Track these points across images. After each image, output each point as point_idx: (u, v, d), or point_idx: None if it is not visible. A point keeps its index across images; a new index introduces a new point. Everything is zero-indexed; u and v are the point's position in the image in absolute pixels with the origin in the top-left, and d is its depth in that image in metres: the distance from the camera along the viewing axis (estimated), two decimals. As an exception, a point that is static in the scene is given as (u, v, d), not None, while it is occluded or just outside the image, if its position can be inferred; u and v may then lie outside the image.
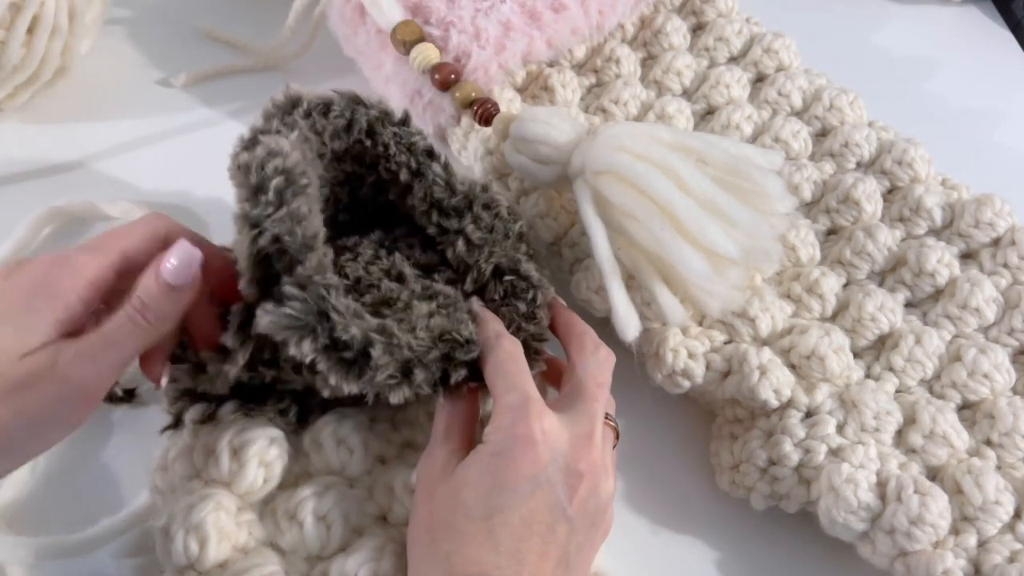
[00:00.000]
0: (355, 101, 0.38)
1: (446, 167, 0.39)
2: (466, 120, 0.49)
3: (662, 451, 0.44)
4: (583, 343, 0.36)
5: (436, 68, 0.47)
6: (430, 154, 0.39)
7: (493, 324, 0.36)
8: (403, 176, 0.39)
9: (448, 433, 0.33)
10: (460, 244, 0.38)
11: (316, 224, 0.31)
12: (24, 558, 0.36)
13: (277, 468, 0.34)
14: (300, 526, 0.33)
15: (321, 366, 0.30)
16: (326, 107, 0.37)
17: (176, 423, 0.35)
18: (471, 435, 0.34)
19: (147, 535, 0.36)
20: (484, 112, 0.46)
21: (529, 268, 0.39)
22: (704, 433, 0.44)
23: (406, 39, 0.47)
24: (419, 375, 0.32)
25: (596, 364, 0.35)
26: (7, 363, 0.28)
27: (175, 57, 0.59)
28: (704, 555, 0.41)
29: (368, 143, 0.39)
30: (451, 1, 0.48)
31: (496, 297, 0.37)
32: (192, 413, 0.34)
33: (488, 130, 0.47)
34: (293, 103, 0.37)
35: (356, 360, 0.30)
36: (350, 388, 0.31)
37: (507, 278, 0.38)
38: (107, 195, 0.50)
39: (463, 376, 0.34)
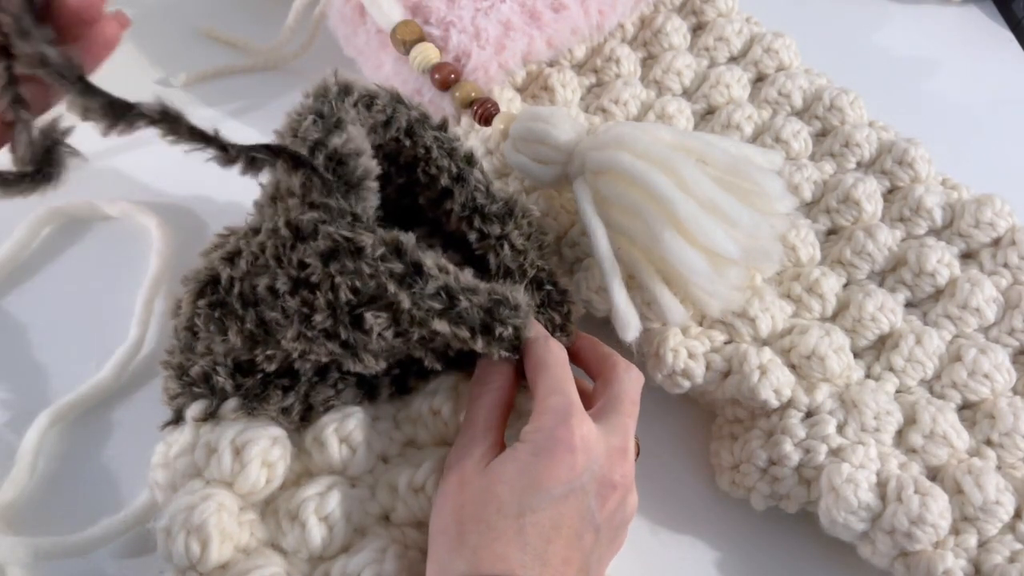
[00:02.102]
0: (396, 99, 0.38)
1: (484, 173, 0.40)
2: (466, 120, 0.49)
3: (662, 451, 0.44)
4: (616, 362, 0.36)
5: (436, 68, 0.47)
6: (470, 160, 0.39)
7: (540, 327, 0.36)
8: (444, 181, 0.39)
9: (488, 426, 0.33)
10: (506, 249, 0.38)
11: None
12: (24, 558, 0.36)
13: (280, 468, 0.34)
14: (302, 527, 0.33)
15: (380, 272, 0.32)
16: (371, 100, 0.37)
17: (176, 419, 0.35)
18: (504, 430, 0.34)
19: (147, 535, 0.36)
20: (484, 112, 0.46)
21: (565, 282, 0.39)
22: (704, 433, 0.44)
23: (406, 39, 0.47)
24: (463, 303, 0.32)
25: (630, 382, 0.36)
26: None
27: (175, 57, 0.59)
28: (704, 555, 0.41)
29: (407, 143, 0.39)
30: (451, 1, 0.48)
31: (534, 305, 0.37)
32: (193, 410, 0.34)
33: (488, 130, 0.47)
34: (345, 91, 0.37)
35: (408, 273, 0.32)
36: (401, 302, 0.32)
37: (547, 287, 0.38)
38: (107, 195, 0.50)
39: (510, 333, 0.33)
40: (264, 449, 0.33)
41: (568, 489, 0.31)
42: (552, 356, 0.34)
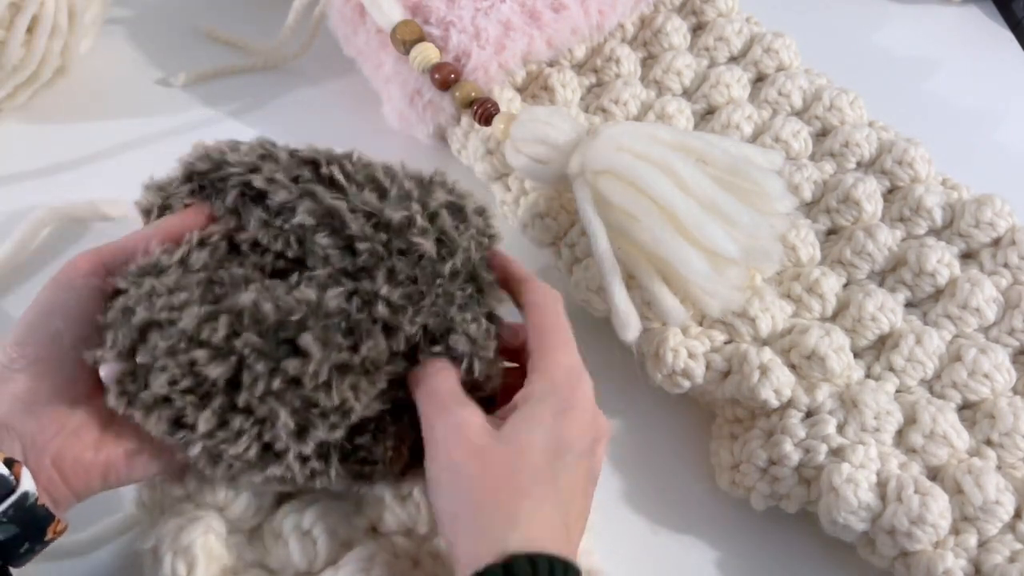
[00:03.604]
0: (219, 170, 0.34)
1: (335, 231, 0.32)
2: (466, 120, 0.49)
3: (662, 451, 0.44)
4: (536, 298, 0.35)
5: (436, 68, 0.47)
6: (312, 229, 0.32)
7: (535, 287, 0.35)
8: (283, 264, 0.33)
9: (459, 395, 0.32)
10: (381, 309, 0.31)
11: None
12: (24, 558, 0.36)
13: (269, 496, 0.34)
14: (286, 544, 0.32)
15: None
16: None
17: None
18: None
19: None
20: (484, 112, 0.46)
21: (458, 339, 0.32)
22: (704, 433, 0.44)
23: (406, 39, 0.47)
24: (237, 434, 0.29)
25: (559, 316, 0.35)
26: None
27: (175, 57, 0.59)
28: (704, 555, 0.41)
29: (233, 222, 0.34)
30: (451, 1, 0.48)
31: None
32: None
33: (488, 130, 0.47)
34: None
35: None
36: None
37: (436, 349, 0.33)
38: (107, 195, 0.50)
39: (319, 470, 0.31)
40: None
41: (586, 446, 0.31)
42: (553, 314, 0.34)
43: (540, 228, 0.46)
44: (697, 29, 0.55)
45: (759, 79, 0.53)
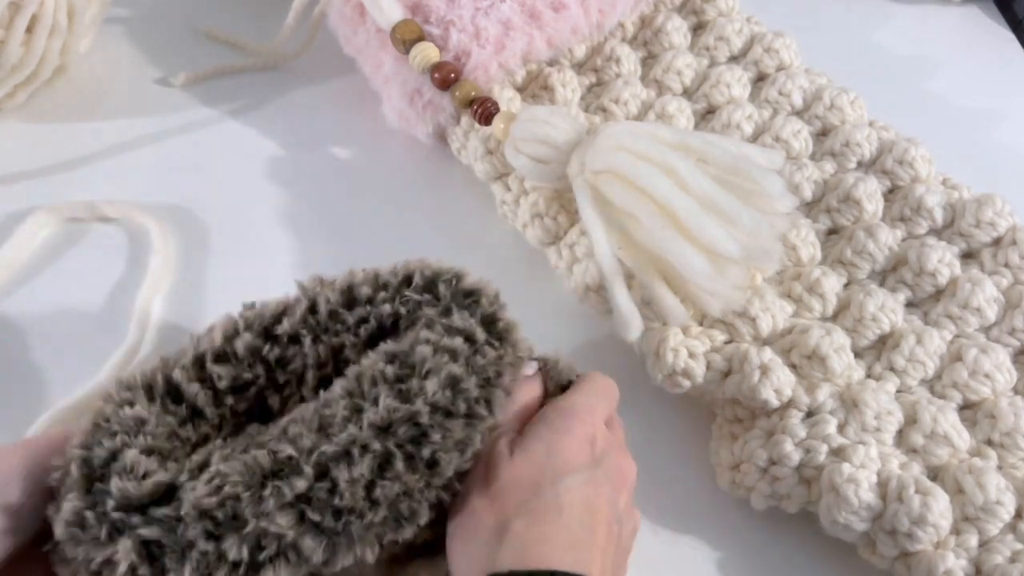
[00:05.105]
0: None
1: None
2: (466, 119, 0.49)
3: (662, 451, 0.44)
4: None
5: (436, 67, 0.47)
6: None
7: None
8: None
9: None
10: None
11: None
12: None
13: None
14: None
15: None
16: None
17: None
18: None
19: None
20: (484, 111, 0.46)
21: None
22: (704, 433, 0.44)
23: (406, 38, 0.47)
24: None
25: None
26: None
27: (175, 56, 0.59)
28: (704, 555, 0.41)
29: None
30: (451, 0, 0.48)
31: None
32: None
33: (488, 130, 0.47)
34: None
35: None
36: None
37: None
38: (107, 195, 0.50)
39: None
40: None
41: (594, 466, 0.31)
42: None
43: (540, 228, 0.46)
44: (697, 28, 0.55)
45: (759, 79, 0.53)
